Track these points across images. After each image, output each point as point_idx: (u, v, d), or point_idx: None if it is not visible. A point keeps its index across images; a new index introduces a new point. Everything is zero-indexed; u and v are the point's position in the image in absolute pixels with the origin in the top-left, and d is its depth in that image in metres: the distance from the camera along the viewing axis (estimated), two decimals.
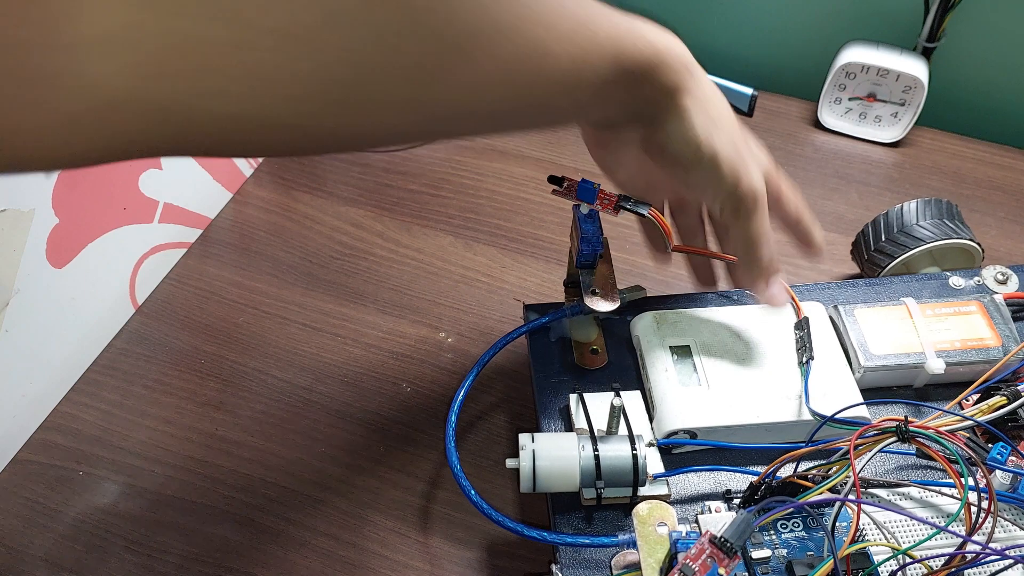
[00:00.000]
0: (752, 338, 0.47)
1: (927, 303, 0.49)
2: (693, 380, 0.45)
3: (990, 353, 0.46)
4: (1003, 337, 0.47)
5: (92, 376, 0.59)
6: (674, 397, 0.44)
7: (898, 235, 0.55)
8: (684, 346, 0.47)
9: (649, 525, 0.37)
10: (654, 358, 0.46)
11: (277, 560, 0.49)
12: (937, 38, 0.72)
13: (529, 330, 0.49)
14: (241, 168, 0.71)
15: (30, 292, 0.52)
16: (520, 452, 0.42)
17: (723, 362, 0.46)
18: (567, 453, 0.41)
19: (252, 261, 0.66)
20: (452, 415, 0.45)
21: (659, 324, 0.48)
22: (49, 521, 0.51)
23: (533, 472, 0.41)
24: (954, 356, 0.46)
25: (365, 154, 0.74)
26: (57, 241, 0.53)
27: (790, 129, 0.77)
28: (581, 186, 0.43)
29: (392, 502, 0.52)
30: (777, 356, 0.46)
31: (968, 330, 0.47)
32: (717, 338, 0.47)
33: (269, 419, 0.56)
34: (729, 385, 0.45)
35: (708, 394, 0.45)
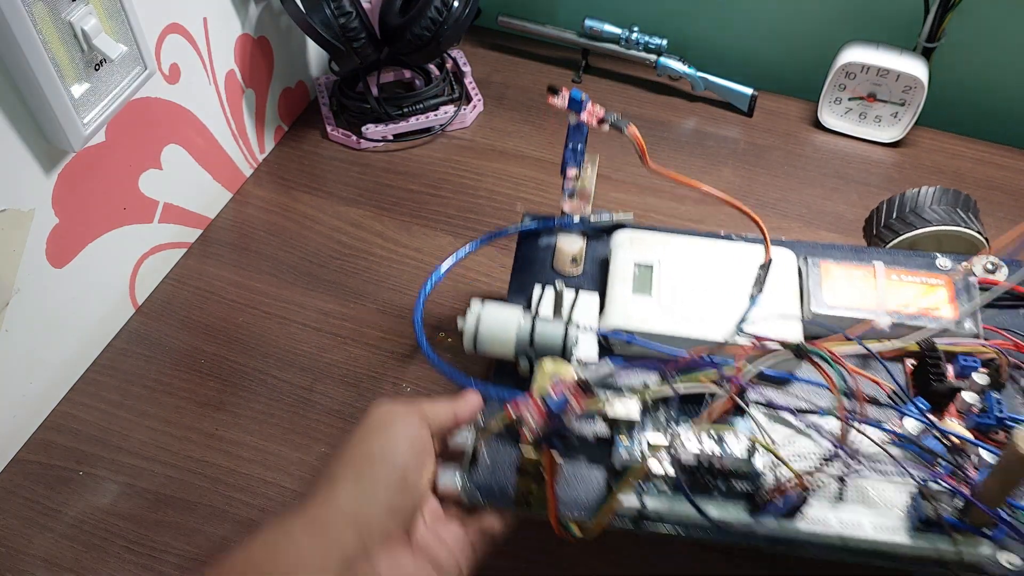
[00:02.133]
0: (716, 269, 0.50)
1: (895, 269, 0.49)
2: (645, 291, 0.49)
3: (941, 323, 0.47)
4: (961, 313, 0.47)
5: (92, 376, 0.59)
6: (623, 300, 0.49)
7: (908, 214, 0.56)
8: (649, 264, 0.50)
9: (547, 376, 0.41)
10: (618, 267, 0.50)
11: None
12: (937, 38, 0.72)
13: (521, 231, 0.54)
14: (241, 168, 0.71)
15: (30, 292, 0.52)
16: (467, 313, 0.46)
17: (680, 283, 0.49)
18: (508, 323, 0.46)
19: (252, 261, 0.66)
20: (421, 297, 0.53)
21: (633, 242, 0.52)
22: (49, 521, 0.51)
23: (476, 333, 0.46)
24: (903, 319, 0.47)
25: (365, 154, 0.74)
26: (57, 241, 0.53)
27: (790, 129, 0.77)
28: (572, 96, 0.48)
29: None
30: (732, 288, 0.49)
31: (927, 300, 0.48)
32: (683, 263, 0.51)
33: (269, 419, 0.56)
34: (677, 302, 0.48)
35: (654, 304, 0.48)
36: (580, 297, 0.49)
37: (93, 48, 0.49)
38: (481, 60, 0.83)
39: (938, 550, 0.40)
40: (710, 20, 0.81)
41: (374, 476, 0.38)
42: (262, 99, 0.72)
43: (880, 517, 0.40)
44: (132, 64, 0.54)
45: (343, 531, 0.36)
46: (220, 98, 0.66)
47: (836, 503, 0.41)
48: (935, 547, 0.40)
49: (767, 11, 0.79)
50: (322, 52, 0.77)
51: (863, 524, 0.40)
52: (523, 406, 0.37)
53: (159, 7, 0.57)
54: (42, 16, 0.45)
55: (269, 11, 0.70)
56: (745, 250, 0.51)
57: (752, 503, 0.41)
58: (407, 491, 0.39)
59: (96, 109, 0.51)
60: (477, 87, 0.79)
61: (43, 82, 0.47)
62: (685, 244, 0.52)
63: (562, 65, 0.83)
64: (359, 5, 0.69)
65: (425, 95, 0.75)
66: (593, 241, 0.54)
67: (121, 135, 0.56)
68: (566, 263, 0.53)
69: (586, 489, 0.42)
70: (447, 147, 0.75)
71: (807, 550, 0.40)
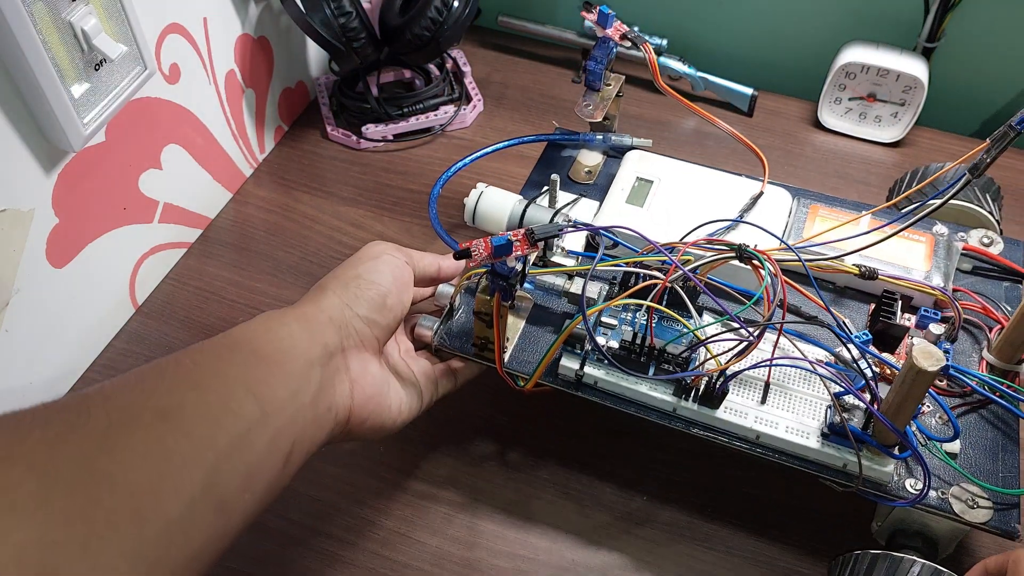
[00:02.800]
0: (713, 197, 0.55)
1: (883, 222, 0.51)
2: (639, 202, 0.55)
3: (911, 274, 0.50)
4: (934, 269, 0.50)
5: (92, 376, 0.59)
6: (615, 206, 0.55)
7: (927, 186, 0.57)
8: (650, 180, 0.56)
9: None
10: (621, 178, 0.57)
11: (277, 560, 0.49)
12: (937, 38, 0.72)
13: (549, 140, 0.62)
14: (241, 168, 0.71)
15: (30, 292, 0.52)
16: (471, 192, 0.55)
17: (673, 202, 0.55)
18: (504, 204, 0.55)
19: (252, 261, 0.66)
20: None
21: (643, 160, 0.58)
22: None
23: (475, 208, 0.55)
24: (876, 265, 0.50)
25: (365, 154, 0.74)
26: (57, 241, 0.53)
27: (790, 129, 0.77)
28: (601, 10, 0.55)
29: (392, 502, 0.52)
30: (722, 214, 0.53)
31: (903, 252, 0.51)
32: (682, 186, 0.56)
33: None
34: (665, 216, 0.53)
35: (643, 215, 0.54)
36: (580, 201, 0.57)
37: (93, 48, 0.49)
38: (481, 60, 0.83)
39: (844, 460, 0.43)
40: (710, 20, 0.81)
41: (359, 291, 0.44)
42: (262, 99, 0.72)
43: (796, 422, 0.44)
44: (132, 64, 0.54)
45: (327, 327, 0.42)
46: (220, 98, 0.66)
47: (759, 404, 0.45)
48: (842, 456, 0.43)
49: (767, 11, 0.79)
50: (322, 52, 0.77)
51: (779, 424, 0.44)
52: (475, 242, 0.41)
53: (159, 7, 0.57)
54: (42, 16, 0.45)
55: (269, 11, 0.70)
56: (745, 185, 0.56)
57: (678, 386, 0.45)
58: (385, 311, 0.45)
59: (96, 109, 0.51)
60: (477, 87, 0.79)
61: (43, 82, 0.47)
62: (690, 171, 0.57)
63: (562, 65, 0.83)
64: (359, 5, 0.69)
65: (425, 95, 0.75)
66: (611, 160, 0.61)
67: (121, 135, 0.56)
68: (580, 173, 0.60)
69: (540, 352, 0.48)
70: (447, 147, 0.75)
71: (723, 439, 0.45)
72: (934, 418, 0.46)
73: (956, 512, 0.42)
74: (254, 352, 0.39)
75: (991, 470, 0.44)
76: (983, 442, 0.45)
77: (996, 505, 0.42)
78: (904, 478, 0.43)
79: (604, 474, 0.53)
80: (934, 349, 0.37)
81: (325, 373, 0.41)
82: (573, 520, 0.51)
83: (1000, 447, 0.45)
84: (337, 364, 0.42)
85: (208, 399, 0.35)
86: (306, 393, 0.39)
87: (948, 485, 0.43)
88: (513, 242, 0.41)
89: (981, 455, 0.45)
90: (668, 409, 0.46)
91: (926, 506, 0.43)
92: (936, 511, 0.43)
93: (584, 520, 0.51)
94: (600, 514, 0.51)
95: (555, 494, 0.52)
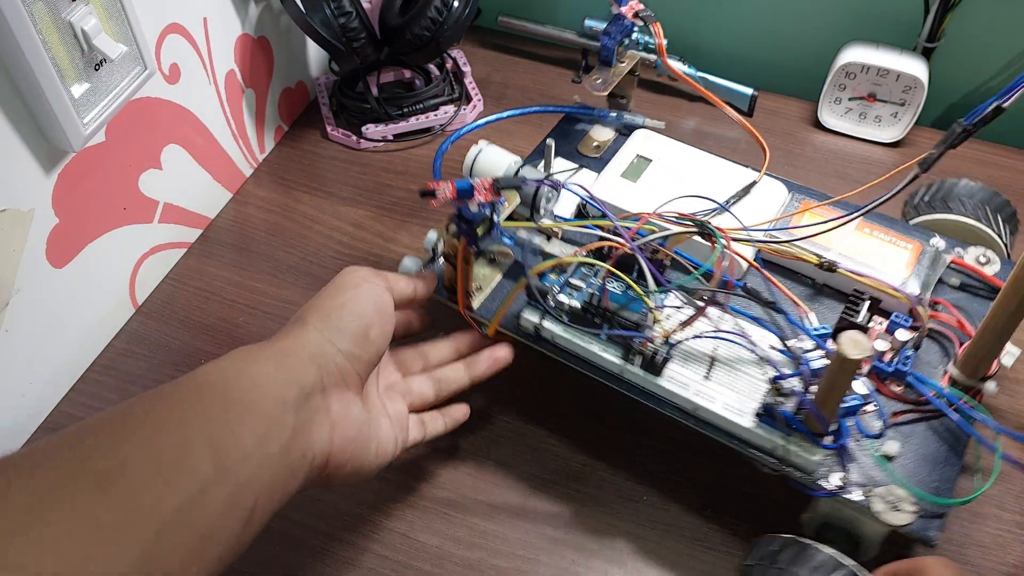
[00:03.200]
0: (709, 182, 0.55)
1: (873, 225, 0.52)
2: (633, 177, 0.57)
3: (884, 276, 0.49)
4: (913, 276, 0.50)
5: (92, 376, 0.59)
6: (610, 179, 0.57)
7: (938, 199, 0.57)
8: (649, 158, 0.58)
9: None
10: (622, 154, 0.58)
11: (277, 560, 0.49)
12: (937, 38, 0.72)
13: (566, 112, 0.64)
14: (241, 168, 0.71)
15: (30, 292, 0.52)
16: (472, 148, 0.57)
17: (668, 182, 0.56)
18: (500, 162, 0.56)
19: (252, 261, 0.66)
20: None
21: (647, 140, 0.59)
22: None
23: (473, 162, 0.56)
24: (849, 264, 0.50)
25: (365, 154, 0.74)
26: (57, 241, 0.53)
27: (790, 129, 0.77)
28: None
29: (392, 502, 0.52)
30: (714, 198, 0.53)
31: (885, 256, 0.51)
32: (680, 168, 0.57)
33: None
34: (656, 194, 0.52)
35: (634, 190, 0.56)
36: (581, 171, 0.59)
37: (93, 48, 0.49)
38: (481, 60, 0.83)
39: (773, 442, 0.44)
40: (710, 20, 0.81)
41: (340, 324, 0.42)
42: (262, 99, 0.72)
43: (735, 400, 0.45)
44: (132, 64, 0.54)
45: (306, 365, 0.39)
46: (220, 98, 0.66)
47: (704, 379, 0.46)
48: (772, 439, 0.44)
49: (767, 11, 0.79)
50: (322, 52, 0.77)
51: (716, 400, 0.45)
52: (442, 184, 0.42)
53: (159, 7, 0.57)
54: (42, 16, 0.45)
55: (269, 11, 0.70)
56: (742, 173, 0.56)
57: (627, 351, 0.47)
58: (368, 344, 0.43)
59: (96, 109, 0.51)
60: (477, 87, 0.79)
61: (43, 82, 0.47)
62: (690, 154, 0.58)
63: (562, 65, 0.83)
64: (359, 5, 0.69)
65: (425, 95, 0.75)
66: (622, 137, 0.62)
67: (121, 135, 0.56)
68: (589, 147, 0.62)
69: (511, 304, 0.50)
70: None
71: (663, 407, 0.47)
72: (879, 420, 0.46)
73: (875, 511, 0.42)
74: (220, 396, 0.36)
75: (926, 479, 0.44)
76: (926, 451, 0.45)
77: (920, 512, 0.42)
78: (833, 471, 0.44)
79: (606, 475, 0.53)
80: (863, 339, 0.37)
81: (300, 416, 0.38)
82: (573, 520, 0.51)
83: (942, 459, 0.45)
84: (316, 404, 0.39)
85: (157, 456, 0.32)
86: (276, 440, 0.36)
87: (877, 486, 0.43)
88: (475, 186, 0.43)
89: (920, 463, 0.44)
90: (615, 371, 0.48)
91: (847, 501, 0.43)
92: (855, 507, 0.43)
93: (584, 520, 0.51)
94: (601, 515, 0.51)
95: (556, 495, 0.52)
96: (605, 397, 0.50)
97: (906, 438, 0.45)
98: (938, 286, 0.52)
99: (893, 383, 0.47)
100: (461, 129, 0.60)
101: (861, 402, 0.44)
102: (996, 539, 0.50)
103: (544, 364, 0.51)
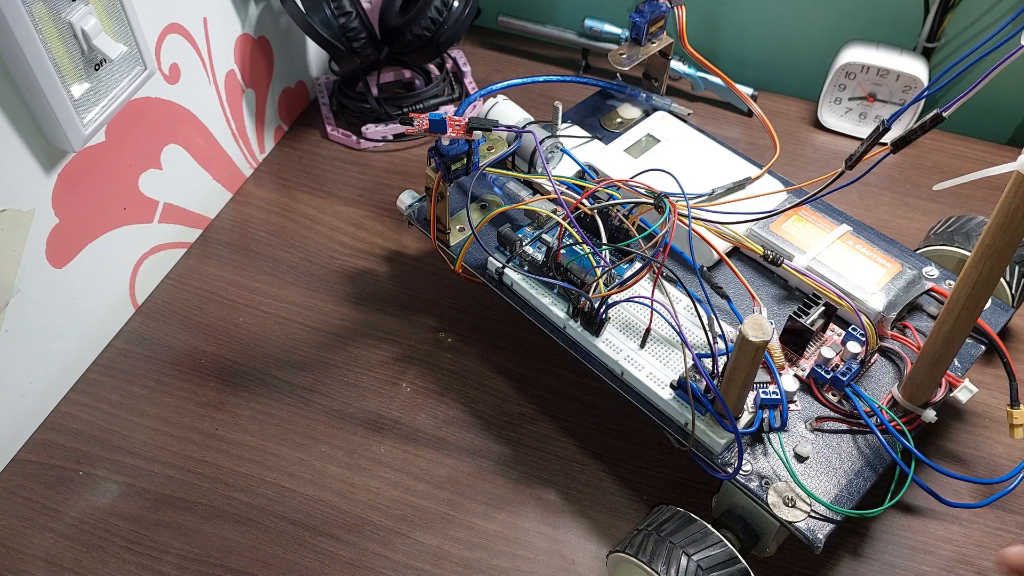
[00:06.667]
0: (712, 171, 0.56)
1: (861, 240, 0.52)
2: (634, 153, 0.58)
3: (849, 287, 0.49)
4: (881, 292, 0.49)
5: (92, 376, 0.59)
6: (614, 152, 0.58)
7: (954, 232, 0.56)
8: (657, 139, 0.59)
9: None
10: (633, 131, 0.60)
11: (277, 560, 0.49)
12: (937, 38, 0.72)
13: (600, 85, 0.67)
14: (241, 168, 0.71)
15: (30, 292, 0.52)
16: (489, 100, 0.61)
17: (666, 161, 0.56)
18: (511, 117, 0.59)
19: (252, 261, 0.66)
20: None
21: (662, 121, 0.61)
22: (49, 521, 0.51)
23: (488, 112, 0.60)
24: (822, 271, 0.50)
25: (365, 154, 0.74)
26: (57, 241, 0.53)
27: (790, 129, 0.77)
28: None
29: (392, 502, 0.52)
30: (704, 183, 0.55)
31: (860, 270, 0.50)
32: (687, 153, 0.58)
33: (269, 419, 0.56)
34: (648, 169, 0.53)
35: (631, 162, 0.57)
36: (592, 142, 0.60)
37: (93, 48, 0.49)
38: (481, 60, 0.83)
39: (685, 418, 0.45)
40: (710, 20, 0.81)
41: None
42: (262, 99, 0.72)
43: (660, 371, 0.47)
44: (132, 64, 0.54)
45: None
46: (220, 98, 0.66)
47: (638, 348, 0.48)
48: (684, 415, 0.45)
49: (767, 11, 0.79)
50: (322, 52, 0.77)
51: (643, 368, 0.47)
52: (422, 116, 0.46)
53: (159, 7, 0.57)
54: (42, 16, 0.45)
55: (269, 11, 0.70)
56: (744, 167, 0.57)
57: (572, 308, 0.49)
58: None
59: (96, 109, 0.51)
60: (477, 87, 0.79)
61: (43, 82, 0.47)
62: (699, 141, 0.59)
63: (562, 65, 0.83)
64: (359, 5, 0.69)
65: (425, 95, 0.75)
66: (647, 115, 0.64)
67: (121, 135, 0.56)
68: (613, 122, 0.64)
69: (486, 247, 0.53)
70: None
71: (595, 366, 0.49)
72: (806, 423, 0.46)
73: (767, 502, 0.42)
74: None
75: (830, 486, 0.44)
76: (842, 460, 0.45)
77: (814, 514, 0.42)
78: (743, 458, 0.44)
79: (606, 476, 0.53)
80: (765, 323, 0.38)
81: None
82: (573, 521, 0.51)
83: (856, 472, 0.44)
84: None
85: None
86: None
87: (780, 481, 0.43)
88: (447, 121, 0.46)
89: (831, 471, 0.44)
90: (559, 325, 0.50)
91: (744, 488, 0.43)
92: (750, 494, 0.43)
93: (583, 520, 0.51)
94: (601, 515, 0.51)
95: (556, 495, 0.52)
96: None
97: (825, 444, 0.46)
98: (915, 312, 0.51)
99: (830, 391, 0.47)
100: (494, 85, 0.62)
101: (780, 398, 0.44)
102: None
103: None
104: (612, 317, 0.50)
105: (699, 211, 0.52)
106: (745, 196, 0.54)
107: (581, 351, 0.49)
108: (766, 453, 0.45)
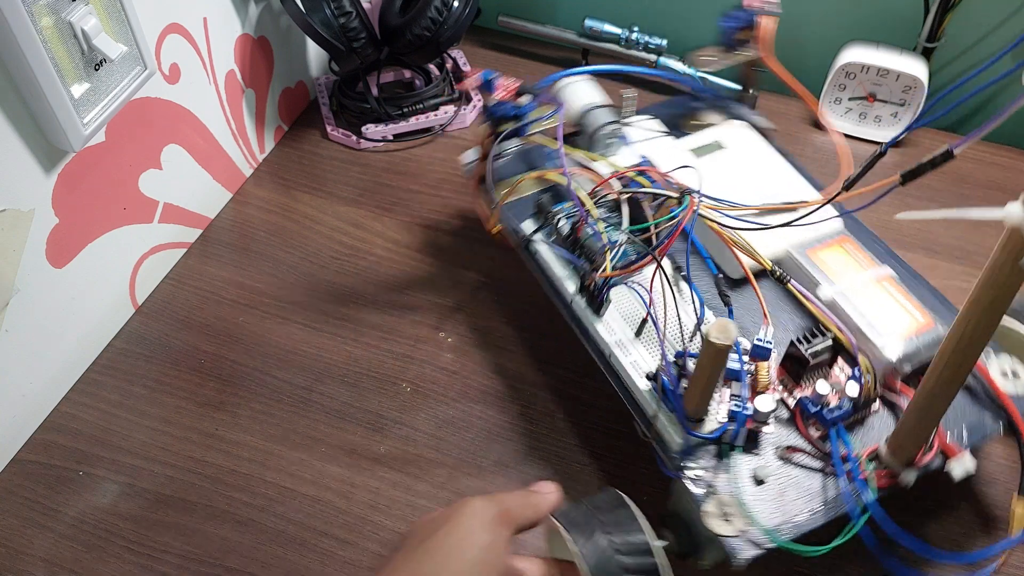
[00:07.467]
0: (761, 184, 0.56)
1: (901, 288, 0.49)
2: (698, 153, 0.59)
3: (864, 327, 0.47)
4: (901, 343, 0.46)
5: (92, 376, 0.59)
6: (675, 148, 0.59)
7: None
8: (721, 146, 0.60)
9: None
10: (702, 134, 0.61)
11: (277, 560, 0.49)
12: (937, 38, 0.72)
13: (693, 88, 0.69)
14: (241, 168, 0.71)
15: (30, 292, 0.52)
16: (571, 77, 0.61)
17: (727, 169, 0.57)
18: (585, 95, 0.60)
19: (252, 261, 0.66)
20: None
21: (735, 130, 0.62)
22: (49, 521, 0.51)
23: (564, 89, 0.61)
24: (845, 306, 0.48)
25: (365, 154, 0.74)
26: (57, 241, 0.53)
27: (790, 129, 0.77)
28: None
29: (392, 502, 0.52)
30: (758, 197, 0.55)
31: (888, 315, 0.47)
32: (747, 163, 0.59)
33: (269, 419, 0.56)
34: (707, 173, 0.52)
35: (692, 163, 0.56)
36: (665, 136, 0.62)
37: (93, 48, 0.49)
38: (481, 60, 0.83)
39: (653, 410, 0.46)
40: (710, 20, 0.81)
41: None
42: (262, 99, 0.72)
43: (644, 361, 0.48)
44: (132, 64, 0.54)
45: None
46: (220, 98, 0.66)
47: (634, 336, 0.49)
48: (652, 407, 0.46)
49: None
50: (322, 52, 0.77)
51: (631, 354, 0.48)
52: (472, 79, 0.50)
53: (159, 7, 0.57)
54: (42, 16, 0.45)
55: (269, 11, 0.70)
56: (805, 191, 0.56)
57: (581, 285, 0.51)
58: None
59: (96, 109, 0.51)
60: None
61: (43, 82, 0.47)
62: (767, 156, 0.60)
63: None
64: (359, 5, 0.69)
65: (425, 95, 0.75)
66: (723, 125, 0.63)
67: (121, 135, 0.56)
68: (688, 123, 0.64)
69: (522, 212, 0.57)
70: (447, 147, 0.75)
71: (588, 343, 0.50)
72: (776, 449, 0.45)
73: (702, 508, 0.42)
74: None
75: (775, 515, 0.42)
76: (798, 494, 0.43)
77: (747, 535, 0.41)
78: (699, 463, 0.44)
79: (606, 476, 0.53)
80: (731, 327, 0.37)
81: None
82: None
83: (808, 510, 0.43)
84: None
85: None
86: None
87: (727, 495, 0.42)
88: (495, 82, 0.53)
89: (783, 500, 0.43)
90: (567, 299, 0.52)
91: (686, 490, 0.43)
92: (692, 500, 0.43)
93: None
94: None
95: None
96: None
97: (787, 475, 0.44)
98: None
99: (813, 425, 0.45)
100: (578, 69, 0.62)
101: (749, 414, 0.44)
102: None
103: None
104: (617, 302, 0.50)
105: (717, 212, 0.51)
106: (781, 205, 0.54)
107: (582, 328, 0.51)
108: (728, 468, 0.44)
